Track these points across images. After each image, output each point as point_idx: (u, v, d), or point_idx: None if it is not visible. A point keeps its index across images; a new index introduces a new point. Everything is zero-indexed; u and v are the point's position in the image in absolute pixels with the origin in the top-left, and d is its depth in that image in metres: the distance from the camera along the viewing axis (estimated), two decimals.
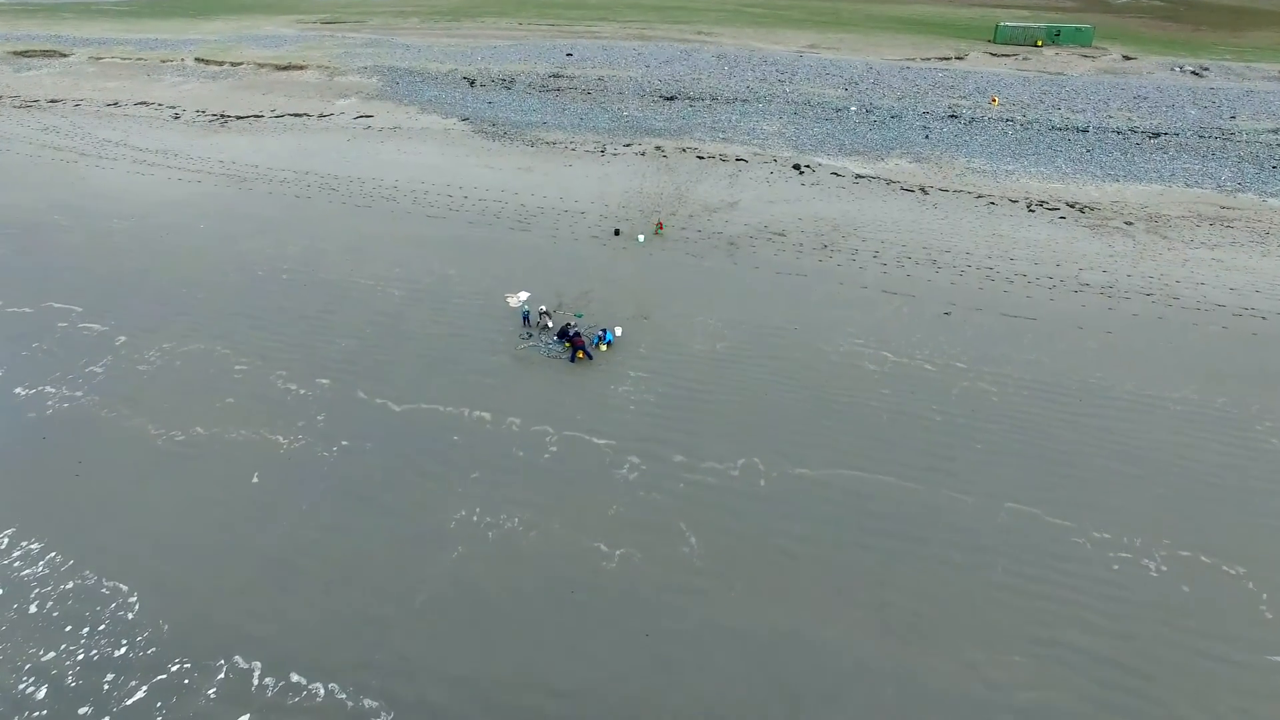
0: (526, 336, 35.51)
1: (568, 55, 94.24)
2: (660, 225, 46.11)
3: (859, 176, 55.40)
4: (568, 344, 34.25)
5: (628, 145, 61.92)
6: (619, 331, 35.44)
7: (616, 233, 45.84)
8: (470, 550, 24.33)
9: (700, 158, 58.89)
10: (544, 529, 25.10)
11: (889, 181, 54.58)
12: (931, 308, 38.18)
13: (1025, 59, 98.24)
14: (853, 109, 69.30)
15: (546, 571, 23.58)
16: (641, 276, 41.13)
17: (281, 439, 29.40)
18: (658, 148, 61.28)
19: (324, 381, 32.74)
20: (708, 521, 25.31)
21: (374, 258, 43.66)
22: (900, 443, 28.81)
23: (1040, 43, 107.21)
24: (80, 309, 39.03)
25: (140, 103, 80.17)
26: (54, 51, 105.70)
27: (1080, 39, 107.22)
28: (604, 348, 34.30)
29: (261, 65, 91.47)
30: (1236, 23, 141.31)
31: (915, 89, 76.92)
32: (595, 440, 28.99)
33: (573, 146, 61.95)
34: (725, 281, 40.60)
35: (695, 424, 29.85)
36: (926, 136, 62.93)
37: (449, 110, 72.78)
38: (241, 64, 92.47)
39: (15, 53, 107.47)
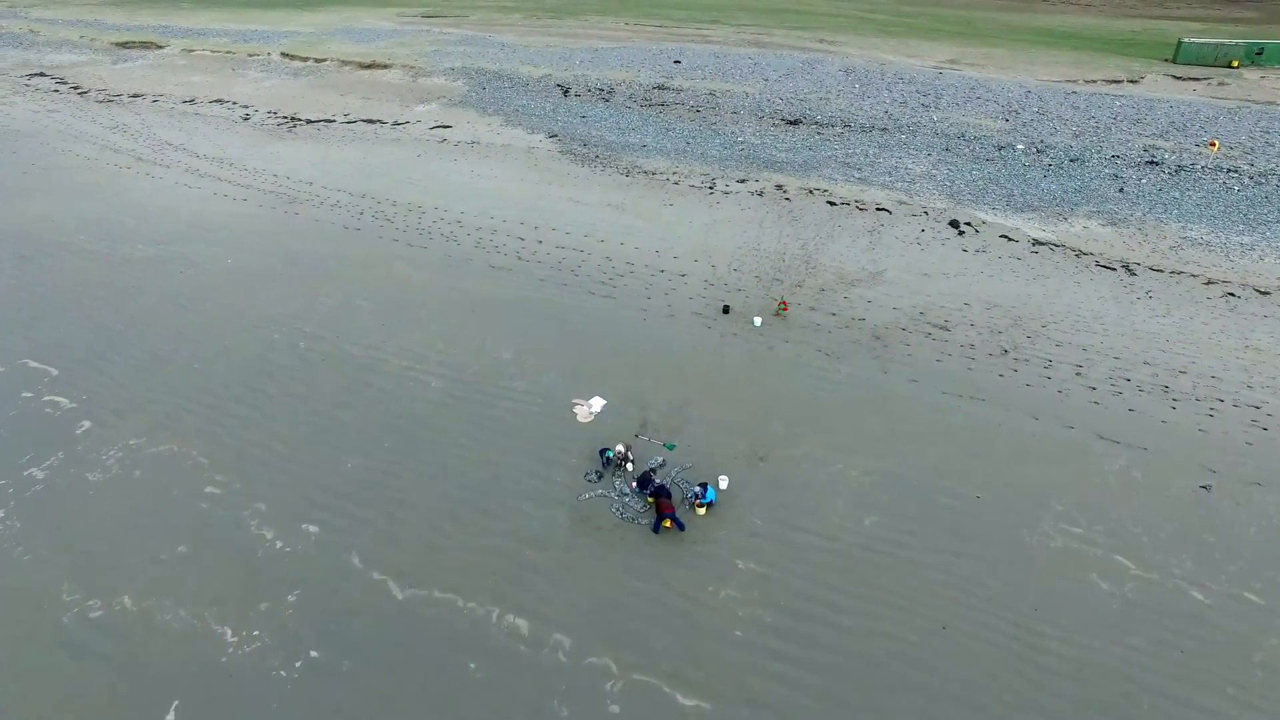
0: (595, 478, 25.53)
1: (675, 63, 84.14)
2: (783, 305, 35.29)
3: (1037, 243, 42.96)
4: (650, 499, 24.10)
5: (742, 181, 51.24)
6: (724, 484, 25.02)
7: (726, 310, 35.33)
8: None
9: (831, 204, 47.61)
10: None
11: (1079, 253, 41.95)
12: (1178, 474, 26.09)
13: (1221, 84, 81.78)
14: (1019, 147, 56.35)
15: None
16: (758, 385, 30.51)
17: (230, 634, 20.40)
18: (778, 186, 50.33)
19: (312, 529, 23.69)
20: None
21: (416, 323, 34.69)
22: None
23: (1236, 63, 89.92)
24: (56, 372, 31.57)
25: (216, 100, 74.83)
26: (151, 43, 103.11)
27: None
28: (702, 511, 23.97)
29: (345, 62, 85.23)
30: None
31: (1093, 122, 62.99)
32: (680, 698, 18.73)
33: (675, 179, 51.74)
34: (872, 402, 29.51)
35: (836, 681, 19.17)
36: (1121, 190, 49.59)
37: (536, 124, 63.81)
38: (325, 60, 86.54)
39: (117, 44, 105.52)
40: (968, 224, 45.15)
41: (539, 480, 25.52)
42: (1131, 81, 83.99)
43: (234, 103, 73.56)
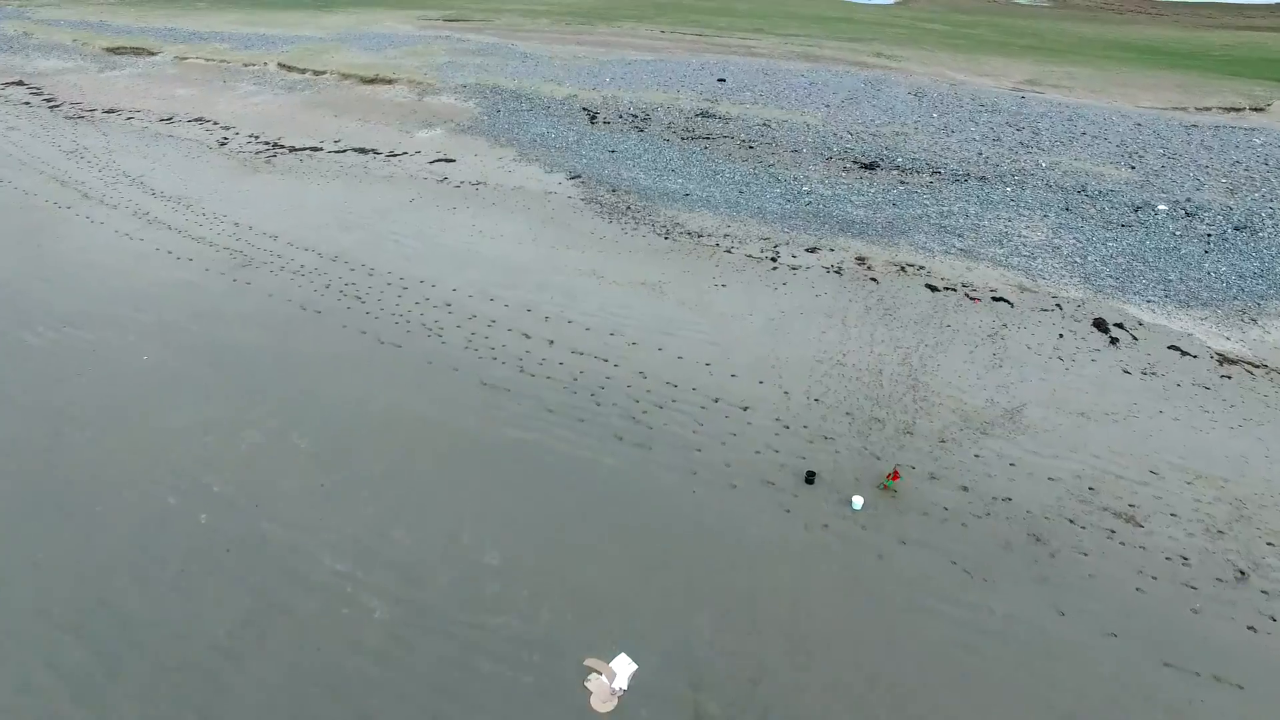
0: None
1: (720, 81, 73.51)
2: (893, 475, 24.46)
3: (1224, 360, 31.71)
4: None
5: (812, 251, 40.44)
6: None
7: (810, 478, 24.60)
8: None
9: (932, 289, 36.67)
10: None
11: None
12: None
13: None
14: (1161, 208, 44.88)
15: None
16: (868, 635, 19.78)
17: None
18: (860, 260, 39.46)
19: None
20: None
21: (368, 486, 24.46)
22: None
23: None
24: None
25: (196, 119, 65.55)
26: (144, 49, 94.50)
27: None
28: None
29: (346, 76, 75.63)
30: None
31: (1242, 170, 51.22)
32: None
33: (728, 244, 41.09)
34: (1050, 680, 18.66)
35: None
36: None
37: (556, 159, 53.53)
38: (325, 73, 77.00)
39: (109, 49, 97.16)
40: (1119, 325, 33.96)
41: None
42: (1256, 110, 71.88)
43: (215, 123, 64.19)
